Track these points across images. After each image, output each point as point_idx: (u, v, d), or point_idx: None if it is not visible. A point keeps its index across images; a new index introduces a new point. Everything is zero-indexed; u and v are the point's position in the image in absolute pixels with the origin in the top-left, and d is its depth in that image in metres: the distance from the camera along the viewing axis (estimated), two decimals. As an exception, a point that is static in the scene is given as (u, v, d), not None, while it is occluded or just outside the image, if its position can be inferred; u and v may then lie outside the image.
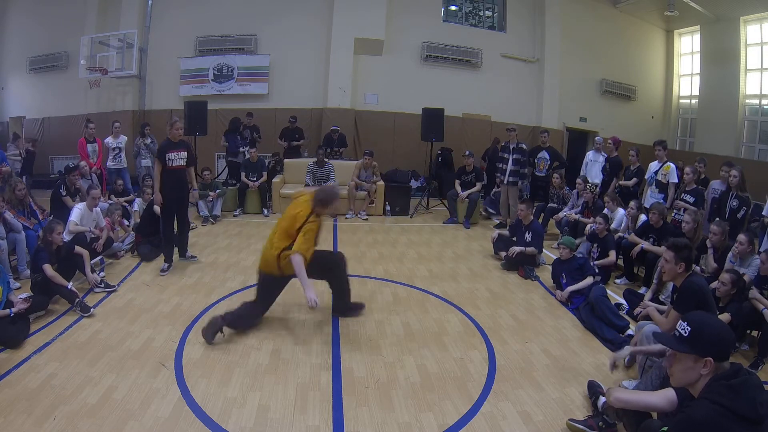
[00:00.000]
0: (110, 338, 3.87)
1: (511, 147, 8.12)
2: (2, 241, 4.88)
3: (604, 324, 4.21)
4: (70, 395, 3.05)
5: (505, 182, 8.17)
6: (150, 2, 11.58)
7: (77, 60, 11.36)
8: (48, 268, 4.35)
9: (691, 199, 6.20)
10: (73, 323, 4.11)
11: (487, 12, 12.55)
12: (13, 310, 3.86)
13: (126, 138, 8.62)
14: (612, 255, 5.55)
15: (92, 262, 5.03)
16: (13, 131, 11.91)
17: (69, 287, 4.38)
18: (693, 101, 13.47)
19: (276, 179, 9.00)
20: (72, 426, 2.76)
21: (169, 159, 5.47)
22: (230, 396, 3.11)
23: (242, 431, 2.79)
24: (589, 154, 8.30)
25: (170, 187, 5.51)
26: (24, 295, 4.19)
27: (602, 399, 2.92)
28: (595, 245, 5.82)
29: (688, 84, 13.70)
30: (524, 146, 8.27)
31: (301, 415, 2.95)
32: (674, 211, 6.42)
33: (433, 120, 9.28)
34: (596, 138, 8.68)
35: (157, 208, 5.75)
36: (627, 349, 3.31)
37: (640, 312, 4.17)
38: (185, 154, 5.61)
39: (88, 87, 11.38)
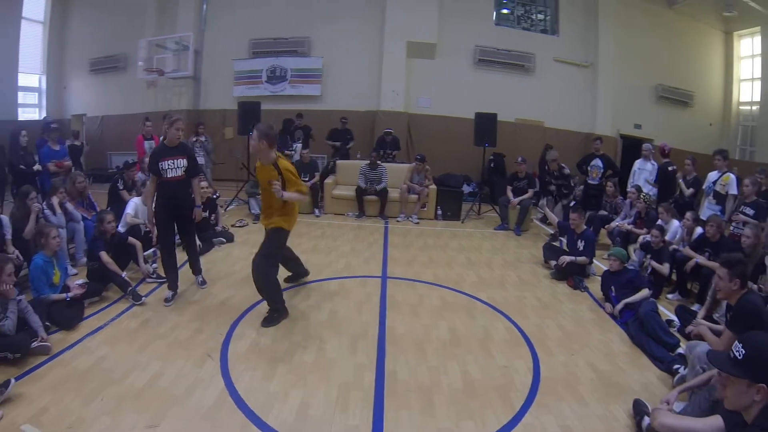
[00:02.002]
0: (159, 327, 3.98)
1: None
2: (62, 230, 5.11)
3: (653, 341, 3.99)
4: (118, 378, 3.16)
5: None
6: (205, 6, 12.03)
7: (135, 61, 11.94)
8: (104, 255, 4.58)
9: (751, 212, 5.80)
10: (125, 310, 4.27)
11: (539, 15, 12.26)
12: (69, 294, 4.05)
13: (181, 136, 8.89)
14: (665, 266, 5.28)
15: (145, 253, 5.21)
16: (74, 129, 12.57)
17: (122, 276, 4.56)
18: (754, 107, 12.68)
19: (328, 180, 9.09)
20: (118, 407, 2.85)
21: (162, 168, 4.38)
22: (273, 390, 3.12)
23: (282, 425, 2.78)
24: (638, 162, 8.00)
25: (164, 203, 4.46)
26: (80, 282, 4.37)
27: (647, 420, 2.77)
28: (648, 256, 5.56)
29: (748, 89, 12.92)
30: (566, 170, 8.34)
31: (342, 414, 2.93)
32: (732, 224, 6.04)
33: (485, 125, 9.16)
34: (644, 145, 8.32)
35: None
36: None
37: (692, 330, 3.92)
38: (184, 161, 4.45)
39: (146, 87, 11.88)
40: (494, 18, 11.95)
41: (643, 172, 7.77)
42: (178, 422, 2.75)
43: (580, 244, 5.80)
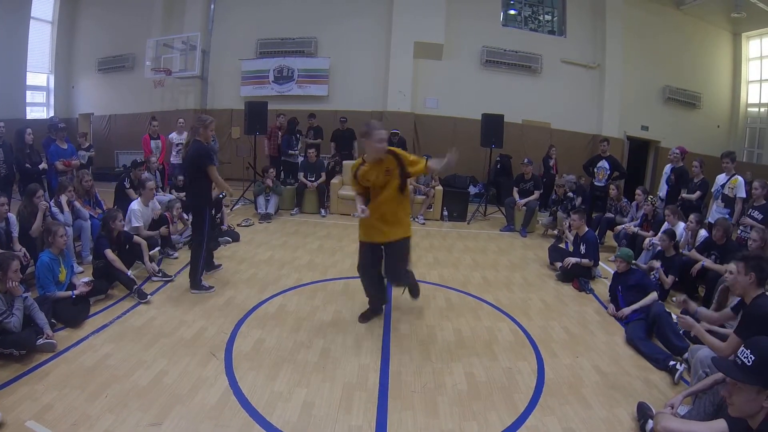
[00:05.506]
0: (164, 325, 3.99)
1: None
2: (69, 228, 5.15)
3: (646, 341, 3.99)
4: (122, 376, 3.17)
5: None
6: (212, 6, 12.06)
7: (143, 61, 11.99)
8: (109, 253, 4.61)
9: (759, 216, 5.74)
10: (130, 309, 4.28)
11: (546, 16, 12.21)
12: (75, 292, 4.09)
13: (189, 135, 8.91)
14: (669, 280, 5.20)
15: (150, 252, 5.24)
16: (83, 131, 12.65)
17: (128, 274, 4.58)
18: (762, 109, 12.65)
19: (335, 180, 9.09)
20: (122, 404, 2.86)
21: None
22: (277, 390, 3.12)
23: (285, 425, 2.78)
24: (666, 167, 8.01)
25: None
26: (86, 279, 4.40)
27: (651, 423, 2.75)
28: (657, 261, 5.51)
29: (756, 91, 12.87)
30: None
31: (345, 414, 2.92)
32: (740, 228, 5.99)
33: (492, 126, 9.13)
34: (671, 149, 8.29)
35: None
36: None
37: (681, 321, 3.79)
38: None
39: (153, 87, 11.94)
40: (501, 19, 11.90)
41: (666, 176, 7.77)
42: (181, 420, 2.76)
43: (582, 247, 5.77)
